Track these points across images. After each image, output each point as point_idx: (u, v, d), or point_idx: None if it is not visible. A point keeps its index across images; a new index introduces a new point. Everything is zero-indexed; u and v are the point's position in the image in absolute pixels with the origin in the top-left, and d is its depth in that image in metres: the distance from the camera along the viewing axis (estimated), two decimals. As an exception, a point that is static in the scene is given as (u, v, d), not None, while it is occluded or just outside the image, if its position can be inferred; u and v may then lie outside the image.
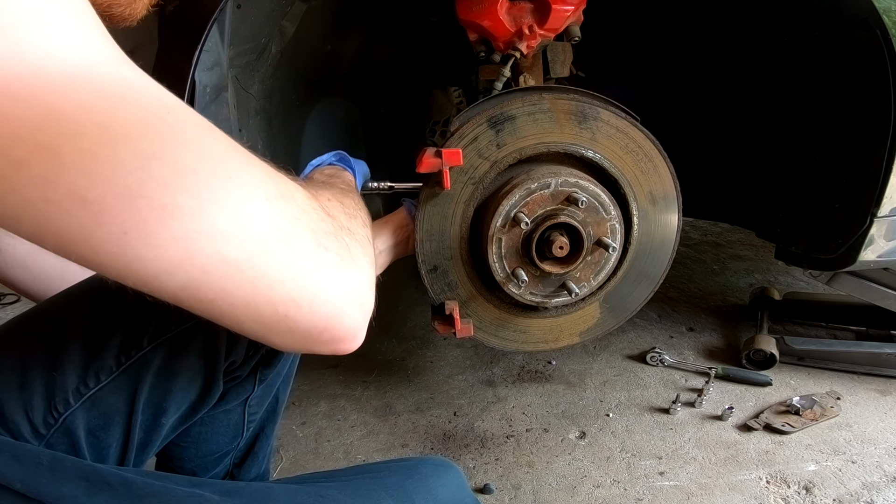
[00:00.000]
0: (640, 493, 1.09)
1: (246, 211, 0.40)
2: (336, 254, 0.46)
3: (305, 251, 0.44)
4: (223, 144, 0.42)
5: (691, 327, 1.72)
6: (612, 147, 1.02)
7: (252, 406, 0.84)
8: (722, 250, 2.32)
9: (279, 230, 0.42)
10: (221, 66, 0.98)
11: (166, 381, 0.68)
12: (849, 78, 1.14)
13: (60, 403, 0.62)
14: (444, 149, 0.94)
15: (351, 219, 0.56)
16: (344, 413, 1.40)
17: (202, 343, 0.70)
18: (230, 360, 0.73)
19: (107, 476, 0.50)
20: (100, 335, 0.66)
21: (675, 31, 1.52)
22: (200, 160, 0.39)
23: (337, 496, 0.55)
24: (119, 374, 0.66)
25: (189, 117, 0.40)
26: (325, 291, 0.45)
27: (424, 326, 1.80)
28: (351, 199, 0.64)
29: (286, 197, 0.44)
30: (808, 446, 1.20)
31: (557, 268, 0.98)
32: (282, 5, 1.12)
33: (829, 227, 1.21)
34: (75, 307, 0.69)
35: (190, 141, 0.39)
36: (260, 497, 0.53)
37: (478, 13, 1.14)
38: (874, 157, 1.09)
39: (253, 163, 0.44)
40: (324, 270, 0.45)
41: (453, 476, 0.65)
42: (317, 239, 0.45)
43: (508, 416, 1.35)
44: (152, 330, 0.67)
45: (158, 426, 0.70)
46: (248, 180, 0.41)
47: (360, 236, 0.53)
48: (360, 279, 0.49)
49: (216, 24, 0.92)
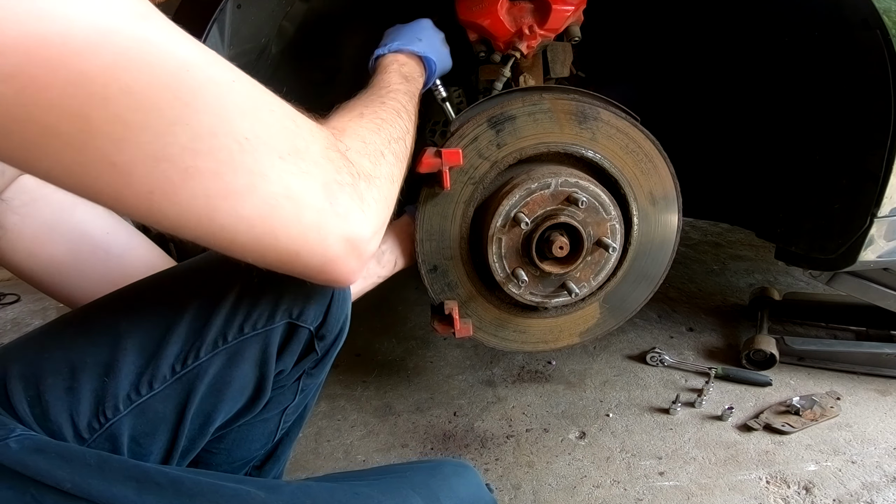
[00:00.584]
0: (639, 493, 1.09)
1: (257, 171, 0.43)
2: (344, 205, 0.49)
3: (310, 206, 0.47)
4: (242, 99, 0.44)
5: (691, 327, 1.72)
6: (612, 147, 1.02)
7: (288, 415, 0.84)
8: (722, 250, 2.32)
9: (288, 187, 0.45)
10: (221, 66, 0.98)
11: (219, 391, 0.67)
12: (849, 78, 1.14)
13: (109, 409, 0.61)
14: (444, 149, 0.94)
15: (377, 159, 0.58)
16: (344, 413, 1.40)
17: (258, 353, 0.69)
18: (279, 369, 0.73)
19: (155, 476, 0.51)
20: (157, 343, 0.64)
21: (675, 32, 1.52)
22: (219, 121, 0.41)
23: (369, 493, 0.57)
24: (172, 383, 0.64)
25: (209, 73, 0.42)
26: (324, 244, 0.49)
27: (424, 326, 1.80)
28: (385, 132, 0.65)
29: (300, 152, 0.46)
30: (808, 446, 1.19)
31: (557, 268, 0.98)
32: (282, 5, 1.12)
33: (828, 228, 1.21)
34: (131, 312, 0.67)
35: (210, 102, 0.41)
36: (301, 494, 0.55)
37: (478, 13, 1.14)
38: (874, 158, 1.09)
39: (272, 116, 0.46)
40: (325, 225, 0.48)
41: (472, 476, 0.67)
42: (326, 191, 0.48)
43: (508, 416, 1.35)
44: (211, 339, 0.66)
45: (204, 434, 0.69)
46: (262, 140, 0.44)
47: (381, 180, 0.56)
48: (363, 229, 0.51)
49: (216, 24, 0.92)
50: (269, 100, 0.47)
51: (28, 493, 0.48)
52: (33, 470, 0.48)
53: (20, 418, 0.58)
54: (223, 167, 0.42)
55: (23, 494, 0.48)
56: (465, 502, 0.63)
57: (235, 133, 0.42)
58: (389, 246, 1.02)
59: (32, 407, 0.59)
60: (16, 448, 0.50)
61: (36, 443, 0.51)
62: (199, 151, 0.40)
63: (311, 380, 0.81)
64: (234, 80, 0.44)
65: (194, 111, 0.40)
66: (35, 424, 0.59)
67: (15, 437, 0.51)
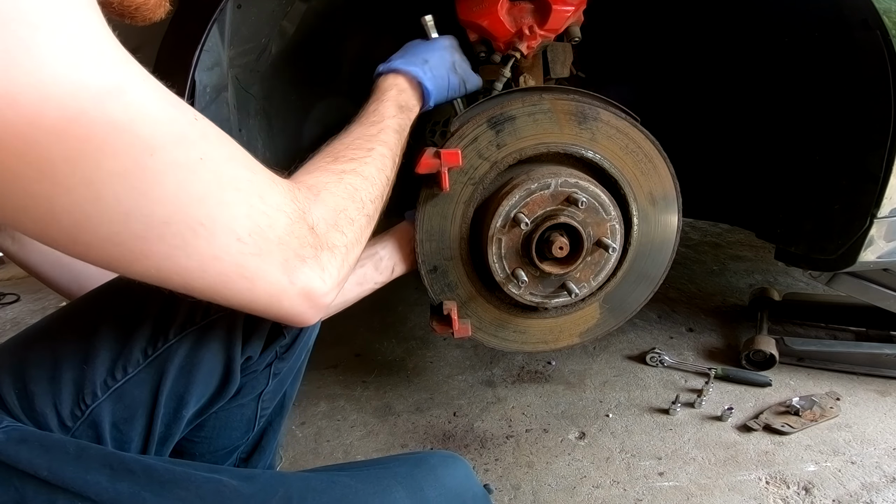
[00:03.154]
0: (639, 493, 1.09)
1: (210, 254, 0.46)
2: (302, 278, 0.51)
3: (265, 281, 0.49)
4: (206, 181, 0.45)
5: (691, 328, 1.72)
6: (611, 147, 1.02)
7: (265, 401, 0.85)
8: (722, 251, 2.32)
9: (242, 267, 0.47)
10: (221, 66, 0.98)
11: (189, 372, 0.69)
12: (849, 79, 1.14)
13: (88, 396, 0.64)
14: (444, 149, 0.93)
15: (346, 226, 0.59)
16: (343, 413, 1.40)
17: (224, 335, 0.71)
18: (247, 354, 0.74)
19: (129, 463, 0.53)
20: (129, 328, 0.67)
21: (675, 32, 1.52)
22: (174, 210, 0.43)
23: (348, 482, 0.57)
24: (145, 366, 0.67)
25: (174, 156, 0.43)
26: (277, 308, 0.52)
27: (424, 327, 1.80)
28: (365, 192, 0.65)
29: (262, 231, 0.48)
30: (807, 447, 1.19)
31: (557, 268, 0.98)
32: (282, 5, 1.12)
33: (828, 228, 1.21)
34: (107, 303, 0.70)
35: (168, 191, 0.42)
36: (275, 482, 0.56)
37: (478, 13, 1.14)
38: (874, 158, 1.09)
39: (237, 196, 0.47)
40: (280, 295, 0.51)
41: (461, 467, 0.66)
42: (284, 267, 0.50)
43: (508, 416, 1.35)
44: (179, 322, 0.68)
45: (178, 419, 0.71)
46: (220, 223, 0.46)
47: (346, 247, 0.58)
48: (321, 288, 0.53)
49: (216, 24, 0.92)
50: (237, 175, 0.48)
51: (12, 484, 0.50)
52: (15, 459, 0.50)
53: (10, 411, 0.60)
54: (175, 251, 0.44)
55: (7, 486, 0.50)
56: (452, 492, 0.62)
57: (190, 220, 0.44)
58: (388, 252, 1.02)
59: (20, 399, 0.61)
60: (2, 439, 0.52)
61: (21, 433, 0.54)
62: (150, 239, 0.43)
63: (284, 364, 0.82)
64: (200, 159, 0.44)
65: (150, 201, 0.41)
66: (23, 416, 0.61)
67: (2, 429, 0.53)
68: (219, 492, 0.52)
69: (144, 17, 0.54)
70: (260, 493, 0.53)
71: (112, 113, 0.38)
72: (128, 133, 0.39)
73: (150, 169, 0.41)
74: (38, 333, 0.68)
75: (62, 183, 0.38)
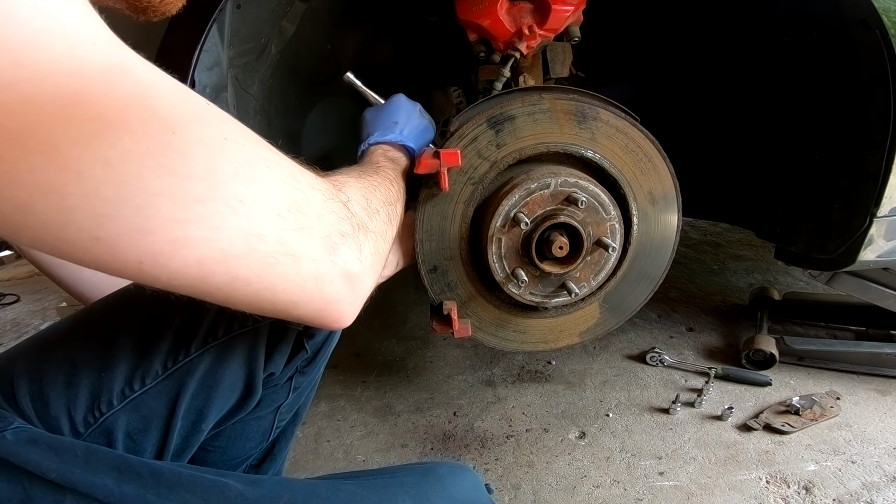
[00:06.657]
0: (639, 493, 1.09)
1: (254, 232, 0.41)
2: (343, 256, 0.49)
3: (310, 259, 0.46)
4: (235, 160, 0.41)
5: (691, 327, 1.72)
6: (611, 147, 1.02)
7: (282, 413, 0.85)
8: (722, 250, 2.32)
9: (286, 244, 0.44)
10: (221, 66, 0.98)
11: (210, 387, 0.69)
12: (848, 78, 1.14)
13: (104, 404, 0.63)
14: (443, 149, 0.93)
15: (373, 215, 0.59)
16: (344, 413, 1.40)
17: (247, 351, 0.70)
18: (269, 371, 0.74)
19: (137, 466, 0.53)
20: (150, 339, 0.66)
21: (674, 32, 1.52)
22: (209, 188, 0.38)
23: (353, 489, 0.57)
24: (164, 379, 0.66)
25: (198, 135, 0.39)
26: (321, 292, 0.48)
27: (424, 326, 1.80)
28: (381, 194, 0.66)
29: (300, 206, 0.45)
30: (807, 446, 1.19)
31: (557, 268, 0.98)
32: (281, 5, 1.12)
33: (828, 227, 1.21)
34: (128, 311, 0.69)
35: (198, 168, 0.38)
36: (280, 487, 0.56)
37: (478, 13, 1.14)
38: (873, 157, 1.09)
39: (268, 173, 0.44)
40: (324, 275, 0.48)
41: (469, 477, 0.66)
42: (326, 243, 0.48)
43: (508, 416, 1.35)
44: (201, 336, 0.68)
45: (197, 432, 0.70)
46: (258, 201, 0.42)
47: (376, 235, 0.56)
48: (359, 278, 0.52)
49: (216, 24, 0.92)
50: (265, 155, 0.45)
51: (20, 484, 0.50)
52: (24, 460, 0.50)
53: (22, 413, 0.60)
54: (216, 233, 0.39)
55: (15, 486, 0.50)
56: (460, 503, 0.61)
57: (228, 197, 0.40)
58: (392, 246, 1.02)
59: (34, 402, 0.61)
60: (11, 439, 0.52)
61: (31, 435, 0.53)
62: (186, 221, 0.37)
63: (304, 378, 0.82)
64: (225, 139, 0.41)
65: (180, 179, 0.37)
66: (35, 419, 0.61)
67: (11, 430, 0.53)
68: (224, 495, 0.52)
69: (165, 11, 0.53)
70: (265, 498, 0.53)
71: (120, 90, 0.34)
72: (143, 110, 0.35)
73: (174, 147, 0.36)
74: (56, 337, 0.68)
75: (71, 167, 0.32)
